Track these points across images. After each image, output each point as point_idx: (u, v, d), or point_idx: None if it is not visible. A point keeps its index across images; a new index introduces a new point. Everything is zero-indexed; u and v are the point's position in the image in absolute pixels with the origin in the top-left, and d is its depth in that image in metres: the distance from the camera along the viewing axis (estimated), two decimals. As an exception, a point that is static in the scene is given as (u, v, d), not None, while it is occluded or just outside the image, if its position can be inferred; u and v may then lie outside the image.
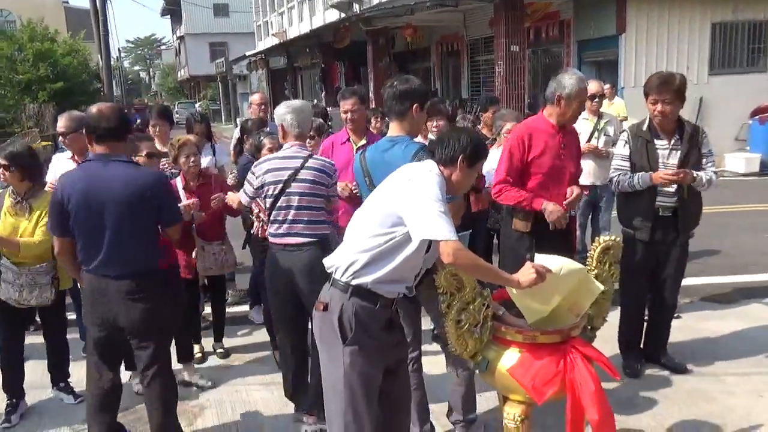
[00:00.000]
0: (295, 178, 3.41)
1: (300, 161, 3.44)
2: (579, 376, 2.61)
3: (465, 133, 2.63)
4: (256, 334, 4.96)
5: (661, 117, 3.75)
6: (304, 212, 3.41)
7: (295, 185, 3.41)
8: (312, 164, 3.44)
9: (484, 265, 2.58)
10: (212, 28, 44.94)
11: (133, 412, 3.74)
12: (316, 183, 3.42)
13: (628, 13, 11.99)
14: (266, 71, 29.33)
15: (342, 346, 2.48)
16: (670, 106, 3.70)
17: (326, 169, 3.48)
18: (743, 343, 4.38)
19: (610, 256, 3.12)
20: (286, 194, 3.41)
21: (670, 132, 3.82)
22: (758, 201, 9.22)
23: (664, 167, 3.78)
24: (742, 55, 12.72)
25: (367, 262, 2.46)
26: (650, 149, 3.81)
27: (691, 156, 3.79)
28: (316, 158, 3.53)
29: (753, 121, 12.08)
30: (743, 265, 6.07)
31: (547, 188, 3.72)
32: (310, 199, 3.42)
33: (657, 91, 3.71)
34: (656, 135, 3.83)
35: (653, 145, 3.81)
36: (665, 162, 3.80)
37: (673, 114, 3.75)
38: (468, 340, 2.81)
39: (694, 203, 3.86)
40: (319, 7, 21.03)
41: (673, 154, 3.80)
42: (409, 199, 2.39)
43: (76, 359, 4.17)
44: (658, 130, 3.83)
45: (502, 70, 12.36)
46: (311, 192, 3.41)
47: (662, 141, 3.82)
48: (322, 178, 3.44)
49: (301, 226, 3.42)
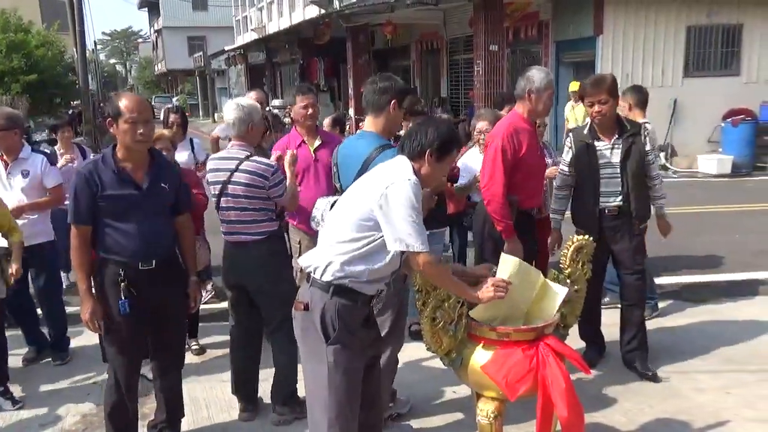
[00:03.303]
0: (230, 180, 3.41)
1: (235, 163, 3.42)
2: (550, 373, 2.65)
3: (433, 127, 2.58)
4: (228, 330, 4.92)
5: (600, 117, 3.84)
6: (245, 213, 3.43)
7: (231, 187, 3.42)
8: (246, 167, 3.39)
9: (450, 279, 2.65)
10: (191, 22, 44.47)
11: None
12: (250, 186, 3.39)
13: (606, 15, 12.13)
14: (245, 66, 29.15)
15: (325, 346, 2.49)
16: (606, 105, 3.80)
17: (261, 171, 3.38)
18: (713, 340, 4.47)
19: (583, 255, 3.18)
20: (225, 195, 3.44)
21: (610, 132, 3.91)
22: (729, 202, 9.39)
23: (606, 167, 3.89)
24: (716, 58, 12.94)
25: (346, 262, 2.48)
26: (591, 151, 3.91)
27: (632, 152, 3.88)
28: (252, 160, 3.41)
29: (726, 123, 12.29)
30: (715, 265, 6.18)
31: (529, 184, 3.83)
32: (247, 200, 3.41)
33: (591, 92, 3.83)
34: (597, 137, 3.93)
35: (594, 147, 3.91)
36: (609, 161, 3.89)
37: (611, 112, 3.86)
38: (443, 338, 2.84)
39: (637, 200, 3.91)
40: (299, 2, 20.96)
41: (615, 153, 3.90)
42: (385, 208, 2.40)
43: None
44: (598, 131, 3.93)
45: (481, 69, 12.41)
46: (246, 194, 3.40)
47: (603, 142, 3.91)
48: (255, 180, 3.38)
49: (242, 225, 3.45)
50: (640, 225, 4.00)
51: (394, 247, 2.41)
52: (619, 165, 3.87)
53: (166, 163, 3.24)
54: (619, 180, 3.88)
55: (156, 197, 3.04)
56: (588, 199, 3.95)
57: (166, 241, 3.12)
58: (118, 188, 2.95)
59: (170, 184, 3.11)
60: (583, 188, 3.99)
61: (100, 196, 2.93)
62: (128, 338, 3.07)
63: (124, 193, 2.96)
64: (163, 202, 3.10)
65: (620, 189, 3.89)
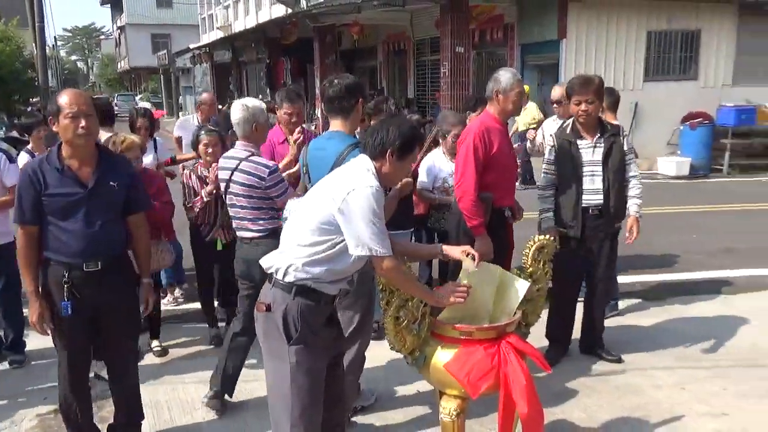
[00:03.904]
0: (231, 178, 3.58)
1: (236, 163, 3.57)
2: (511, 370, 2.69)
3: (395, 126, 2.59)
4: (195, 330, 4.88)
5: (585, 116, 3.95)
6: (245, 210, 3.59)
7: (233, 186, 3.59)
8: (244, 167, 3.56)
9: (413, 283, 2.69)
10: (155, 19, 43.82)
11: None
12: (246, 185, 3.54)
13: (569, 19, 12.35)
14: (210, 65, 28.80)
15: (288, 346, 2.49)
16: (592, 105, 3.93)
17: (257, 172, 3.51)
18: (669, 337, 4.59)
19: (545, 255, 3.23)
20: (228, 193, 3.63)
21: (592, 131, 4.02)
22: (687, 203, 9.65)
23: (589, 165, 3.99)
24: (675, 62, 13.29)
25: (308, 263, 2.48)
26: (574, 149, 4.01)
27: (613, 151, 4.00)
28: (250, 161, 3.55)
29: (684, 126, 12.62)
30: (672, 264, 6.35)
31: (501, 183, 3.91)
32: (246, 199, 3.57)
33: (579, 92, 3.93)
34: (579, 136, 4.03)
35: (576, 145, 4.01)
36: (591, 159, 3.99)
37: (596, 112, 3.99)
38: (406, 337, 2.85)
39: (616, 199, 4.06)
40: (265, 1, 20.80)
41: (597, 152, 4.01)
42: (347, 213, 2.40)
43: None
44: (581, 130, 4.04)
45: (447, 70, 12.53)
46: (245, 193, 3.56)
47: (585, 140, 4.02)
48: (252, 181, 3.53)
49: (246, 222, 3.61)
50: (615, 224, 4.13)
51: (356, 251, 2.42)
52: (600, 163, 3.98)
53: (118, 161, 3.15)
54: (600, 178, 4.00)
55: (103, 196, 2.94)
56: (571, 197, 4.03)
57: (113, 241, 3.01)
58: (61, 187, 2.87)
59: (120, 183, 3.00)
60: (566, 186, 4.06)
61: (44, 194, 2.85)
62: (73, 340, 3.00)
63: (68, 192, 2.87)
64: (111, 201, 2.99)
65: (601, 187, 3.99)
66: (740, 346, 4.45)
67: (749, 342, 4.50)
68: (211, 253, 4.55)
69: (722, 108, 12.78)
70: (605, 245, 4.14)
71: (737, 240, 7.25)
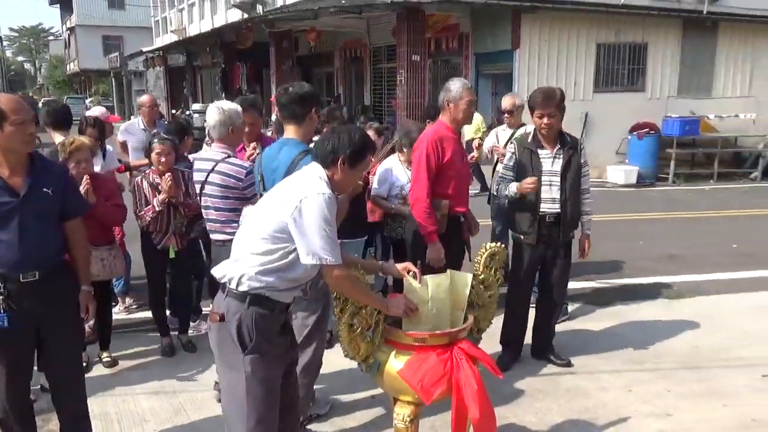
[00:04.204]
0: (207, 180, 3.66)
1: (212, 164, 3.65)
2: (463, 375, 2.74)
3: (346, 134, 2.61)
4: (146, 340, 4.80)
5: (547, 129, 4.06)
6: (220, 212, 3.68)
7: (208, 187, 3.67)
8: (221, 168, 3.63)
9: (363, 291, 2.72)
10: (106, 21, 42.83)
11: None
12: (222, 186, 3.62)
13: (522, 30, 12.62)
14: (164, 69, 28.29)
15: (242, 356, 2.48)
16: (554, 118, 4.04)
17: (235, 173, 3.62)
18: (616, 341, 4.73)
19: (496, 262, 3.30)
20: (204, 195, 3.71)
21: (553, 142, 4.14)
22: (635, 210, 9.96)
23: (548, 175, 4.10)
24: (623, 74, 13.70)
25: (262, 272, 2.48)
26: (535, 158, 4.12)
27: (572, 164, 4.14)
28: (227, 162, 3.64)
29: (632, 136, 13.02)
30: (620, 270, 6.55)
31: (456, 191, 3.97)
32: (222, 201, 3.64)
33: (542, 105, 4.03)
34: (540, 145, 4.13)
35: (537, 154, 4.11)
36: (550, 169, 4.11)
37: (558, 125, 4.11)
38: (360, 344, 2.88)
39: (573, 209, 4.20)
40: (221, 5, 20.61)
41: (556, 162, 4.12)
42: (299, 221, 2.42)
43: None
44: (542, 141, 4.14)
45: (403, 78, 12.64)
46: (221, 195, 3.63)
47: (546, 150, 4.13)
48: (229, 182, 3.61)
49: (219, 224, 3.70)
50: (570, 233, 4.25)
51: (307, 260, 2.43)
52: (559, 174, 4.10)
53: (51, 166, 3.04)
54: (558, 188, 4.10)
55: (37, 203, 2.84)
56: (530, 205, 4.12)
57: (50, 249, 2.93)
58: None
59: (55, 189, 2.91)
60: (525, 194, 4.13)
61: None
62: (11, 352, 2.90)
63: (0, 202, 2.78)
64: (46, 208, 2.89)
65: (559, 197, 4.10)
66: (682, 348, 4.62)
67: (691, 345, 4.68)
68: (164, 261, 4.49)
69: (667, 119, 13.24)
70: (560, 252, 4.26)
71: (681, 246, 7.52)
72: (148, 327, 4.86)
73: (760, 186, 13.01)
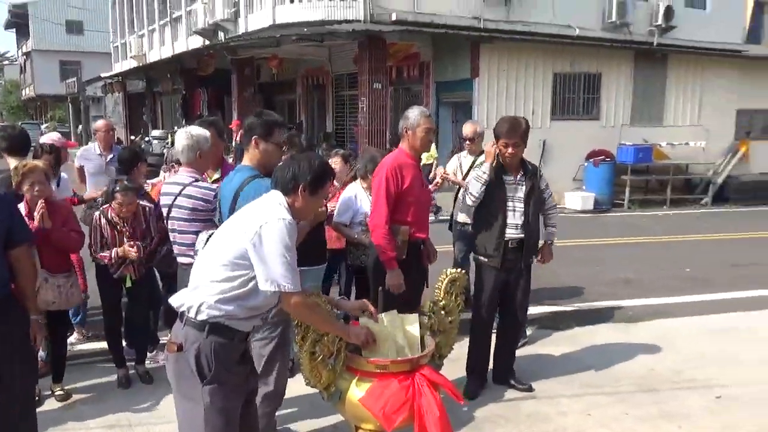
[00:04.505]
0: (174, 203, 3.70)
1: (179, 188, 3.70)
2: (425, 402, 2.75)
3: (306, 161, 2.63)
4: (101, 371, 4.66)
5: (511, 158, 4.16)
6: (185, 235, 3.69)
7: (175, 211, 3.71)
8: (189, 192, 3.67)
9: (322, 318, 2.70)
10: (64, 46, 42.16)
11: None
12: (189, 209, 3.67)
13: (481, 59, 12.91)
14: (123, 94, 27.93)
15: (201, 386, 2.44)
16: (519, 148, 4.15)
17: (204, 196, 3.66)
18: (576, 365, 4.80)
19: (456, 287, 3.34)
20: (170, 219, 3.75)
21: (516, 169, 4.24)
22: (592, 236, 10.18)
23: (512, 201, 4.19)
24: (579, 103, 14.11)
25: (221, 301, 2.45)
26: (500, 184, 4.21)
27: (534, 190, 4.25)
28: (195, 185, 3.69)
29: (588, 163, 13.36)
30: (578, 294, 6.66)
31: (415, 217, 4.00)
32: (188, 224, 3.67)
33: (507, 135, 4.13)
34: (504, 172, 4.21)
35: (502, 180, 4.21)
36: (513, 195, 4.20)
37: (521, 154, 4.22)
38: (322, 372, 2.87)
39: (534, 234, 4.31)
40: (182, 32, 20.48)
41: (520, 189, 4.22)
42: (258, 247, 2.41)
43: None
44: (507, 168, 4.22)
45: (365, 105, 12.76)
46: (189, 218, 3.67)
47: (510, 177, 4.22)
48: (197, 204, 3.67)
49: (185, 247, 3.68)
50: (532, 257, 4.34)
51: (266, 287, 2.42)
52: (523, 200, 4.19)
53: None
54: (521, 213, 4.19)
55: None
56: (495, 230, 4.18)
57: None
58: None
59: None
60: (491, 219, 4.20)
61: None
62: None
63: None
64: None
65: (521, 222, 4.19)
66: (639, 371, 4.71)
67: (647, 368, 4.78)
68: (120, 291, 4.40)
69: (622, 146, 13.65)
70: (522, 277, 4.33)
71: (636, 271, 7.70)
72: (103, 358, 4.73)
73: (710, 211, 13.48)
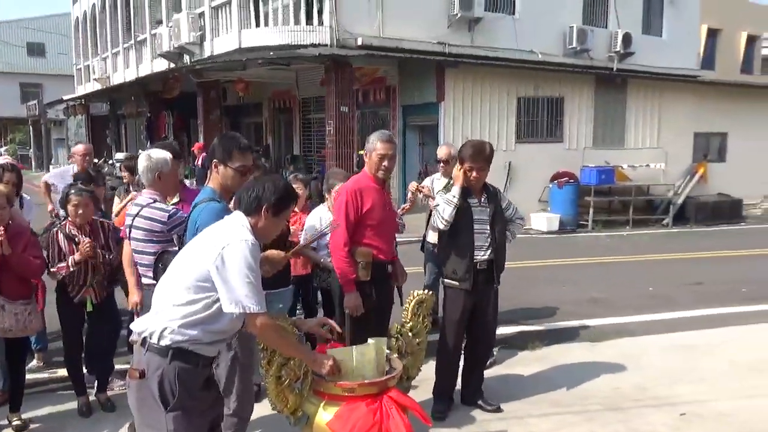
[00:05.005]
0: (132, 224, 3.77)
1: (138, 209, 3.76)
2: (393, 425, 2.73)
3: (270, 183, 2.63)
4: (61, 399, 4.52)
5: (476, 181, 4.21)
6: (144, 256, 3.77)
7: (133, 231, 3.78)
8: (145, 213, 3.74)
9: (288, 342, 2.68)
10: (25, 68, 41.42)
11: None
12: (146, 230, 3.73)
13: (447, 83, 13.09)
14: (86, 117, 27.50)
15: (164, 413, 2.38)
16: (483, 171, 4.20)
17: (158, 217, 3.71)
18: (543, 385, 4.82)
19: (424, 309, 3.34)
20: (132, 239, 3.81)
21: (479, 192, 4.28)
22: (558, 256, 10.30)
23: (479, 223, 4.23)
24: (543, 126, 14.38)
25: (184, 325, 2.41)
26: (466, 207, 4.23)
27: (497, 212, 4.30)
28: (151, 207, 3.74)
29: (553, 185, 13.58)
30: (544, 314, 6.70)
31: (379, 239, 3.99)
32: (146, 244, 3.74)
33: (471, 159, 4.17)
34: (469, 194, 4.26)
35: (468, 203, 4.24)
36: (479, 218, 4.24)
37: (485, 177, 4.27)
38: (288, 396, 2.83)
39: (502, 255, 4.35)
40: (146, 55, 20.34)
41: (485, 211, 4.26)
42: (221, 269, 2.38)
43: None
44: (471, 190, 4.27)
45: (332, 128, 12.80)
46: (145, 239, 3.74)
47: (474, 200, 4.26)
48: (152, 225, 3.71)
49: (144, 268, 3.78)
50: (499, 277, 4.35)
51: (231, 309, 2.38)
52: (489, 221, 4.22)
53: None
54: (488, 236, 4.22)
55: None
56: (465, 252, 4.19)
57: None
58: None
59: None
60: (459, 242, 4.21)
61: None
62: None
63: None
64: None
65: (488, 243, 4.22)
66: (605, 390, 4.75)
67: (613, 386, 4.82)
68: (80, 315, 4.28)
69: (585, 168, 13.91)
70: (491, 298, 4.35)
71: (602, 290, 7.81)
72: (63, 385, 4.59)
73: (671, 231, 13.79)
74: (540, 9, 14.82)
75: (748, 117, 16.62)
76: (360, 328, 3.72)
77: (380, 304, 3.98)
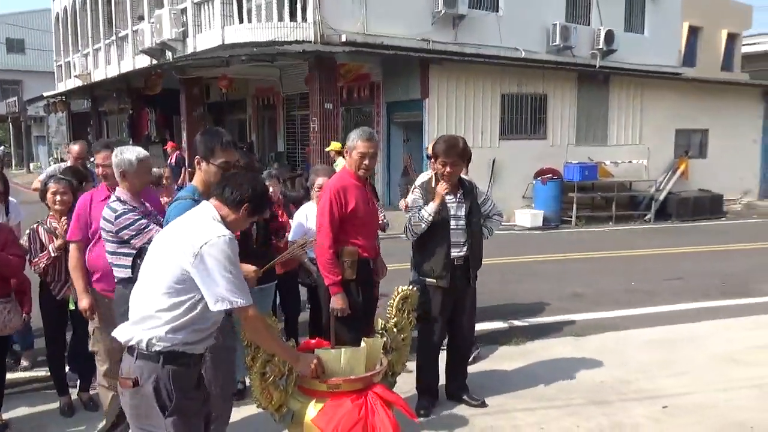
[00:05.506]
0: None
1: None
2: (378, 420, 2.74)
3: (253, 182, 2.61)
4: (43, 398, 4.47)
5: (449, 177, 4.19)
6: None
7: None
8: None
9: (273, 339, 2.67)
10: (4, 65, 40.87)
11: None
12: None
13: (431, 80, 13.10)
14: (67, 114, 27.19)
15: (163, 419, 2.37)
16: (456, 167, 4.17)
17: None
18: (528, 379, 4.85)
19: (408, 305, 3.35)
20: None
21: (455, 188, 4.27)
22: (541, 252, 10.37)
23: (455, 219, 4.22)
24: (526, 123, 14.45)
25: (172, 329, 2.39)
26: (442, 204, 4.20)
27: (474, 207, 4.30)
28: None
29: (536, 181, 13.66)
30: (529, 310, 6.75)
31: (363, 237, 3.98)
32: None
33: (444, 154, 4.15)
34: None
35: (444, 200, 4.22)
36: (455, 214, 4.23)
37: (459, 173, 4.26)
38: (273, 393, 2.83)
39: (479, 251, 4.36)
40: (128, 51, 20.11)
41: (460, 207, 4.26)
42: (201, 268, 2.35)
43: None
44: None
45: (316, 125, 12.76)
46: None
47: (450, 196, 4.24)
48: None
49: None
50: (476, 272, 4.36)
51: (217, 307, 2.37)
52: (464, 218, 4.22)
53: None
54: (464, 231, 4.22)
55: None
56: (441, 249, 4.19)
57: None
58: None
59: None
60: (435, 239, 4.20)
61: None
62: None
63: None
64: None
65: (464, 239, 4.22)
66: (590, 384, 4.80)
67: (597, 380, 4.87)
68: (63, 314, 4.24)
69: (568, 165, 14.01)
70: (469, 293, 4.37)
71: (585, 285, 7.87)
72: (45, 384, 4.54)
73: (653, 227, 13.93)
74: (523, 6, 14.89)
75: (729, 114, 16.86)
76: (345, 326, 3.72)
77: (365, 302, 3.98)
